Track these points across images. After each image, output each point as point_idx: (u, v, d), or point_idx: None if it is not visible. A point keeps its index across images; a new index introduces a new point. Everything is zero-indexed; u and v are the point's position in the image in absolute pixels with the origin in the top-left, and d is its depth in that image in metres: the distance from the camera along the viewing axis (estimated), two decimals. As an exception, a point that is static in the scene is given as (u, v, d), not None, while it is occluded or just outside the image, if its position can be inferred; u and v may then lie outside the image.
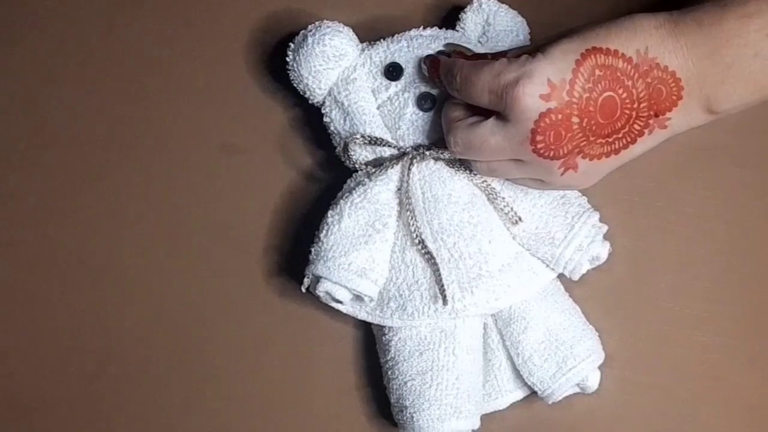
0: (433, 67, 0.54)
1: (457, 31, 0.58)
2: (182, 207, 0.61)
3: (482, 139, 0.50)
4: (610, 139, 0.49)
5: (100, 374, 0.60)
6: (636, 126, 0.49)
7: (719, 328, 0.60)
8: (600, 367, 0.57)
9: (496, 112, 0.49)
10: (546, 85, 0.47)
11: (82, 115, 0.62)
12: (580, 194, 0.57)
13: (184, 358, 0.60)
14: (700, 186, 0.61)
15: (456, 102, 0.53)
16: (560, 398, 0.56)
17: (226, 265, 0.61)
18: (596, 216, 0.56)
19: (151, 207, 0.61)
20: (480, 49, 0.57)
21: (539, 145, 0.48)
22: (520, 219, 0.55)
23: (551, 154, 0.48)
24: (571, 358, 0.55)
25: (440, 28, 0.58)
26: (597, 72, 0.47)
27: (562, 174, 0.49)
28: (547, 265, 0.56)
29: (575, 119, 0.47)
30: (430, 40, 0.56)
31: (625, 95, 0.48)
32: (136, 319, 0.61)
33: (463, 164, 0.55)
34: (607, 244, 0.56)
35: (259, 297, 0.60)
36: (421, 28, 0.58)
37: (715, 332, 0.60)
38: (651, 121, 0.49)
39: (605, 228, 0.56)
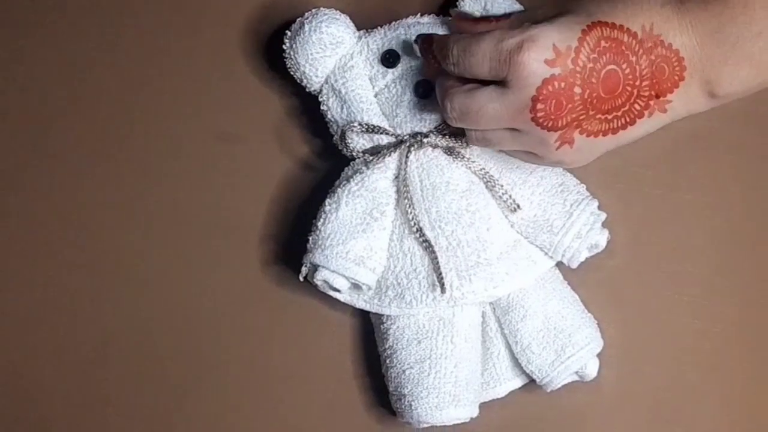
0: (425, 44, 0.53)
1: (455, 18, 0.58)
2: (179, 196, 0.61)
3: (480, 104, 0.49)
4: (609, 116, 0.48)
5: (98, 362, 0.60)
6: (636, 105, 0.48)
7: (718, 315, 0.60)
8: (598, 355, 0.57)
9: (494, 82, 0.49)
10: (551, 50, 0.46)
11: (77, 105, 0.61)
12: (578, 182, 0.56)
13: (182, 347, 0.60)
14: (699, 174, 0.60)
15: (450, 75, 0.52)
16: (559, 386, 0.56)
17: (223, 254, 0.60)
18: (595, 204, 0.55)
19: (148, 196, 0.61)
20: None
21: (539, 113, 0.47)
22: (518, 206, 0.55)
23: (550, 124, 0.47)
24: (570, 346, 0.55)
25: (438, 15, 0.58)
26: (603, 43, 0.47)
27: (557, 148, 0.49)
28: (546, 253, 0.56)
29: (577, 89, 0.47)
30: (427, 27, 0.56)
31: (628, 70, 0.47)
32: (133, 308, 0.60)
33: (460, 152, 0.55)
34: (606, 232, 0.56)
35: (257, 286, 0.60)
36: (419, 15, 0.57)
37: (713, 320, 0.60)
38: (651, 102, 0.48)
39: (604, 216, 0.56)
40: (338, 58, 0.56)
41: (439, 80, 0.52)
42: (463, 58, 0.49)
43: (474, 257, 0.54)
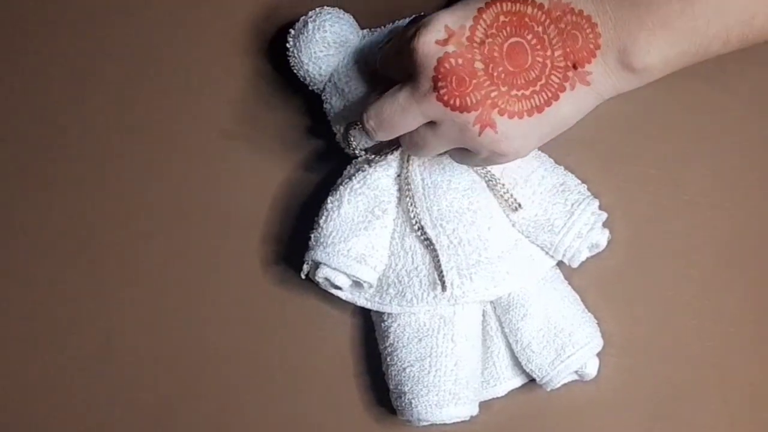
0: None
1: (458, 18, 0.58)
2: (180, 194, 0.61)
3: (391, 102, 0.48)
4: (527, 92, 0.46)
5: (100, 360, 0.60)
6: (554, 78, 0.46)
7: (718, 315, 0.60)
8: (598, 355, 0.57)
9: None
10: (443, 32, 0.46)
11: (79, 101, 0.61)
12: (580, 182, 0.57)
13: (183, 345, 0.60)
14: (700, 174, 0.61)
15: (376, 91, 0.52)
16: (559, 385, 0.56)
17: (225, 252, 0.61)
18: (596, 203, 0.56)
19: (150, 194, 0.61)
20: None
21: (442, 91, 0.46)
22: (519, 206, 0.55)
23: (457, 102, 0.46)
24: (570, 345, 0.55)
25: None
26: (501, 18, 0.46)
27: (480, 133, 0.47)
28: (547, 253, 0.56)
29: (478, 64, 0.46)
30: (430, 27, 0.56)
31: (534, 41, 0.46)
32: (135, 306, 0.60)
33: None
34: (607, 232, 0.56)
35: (258, 285, 0.60)
36: (422, 13, 0.57)
37: (714, 320, 0.60)
38: (569, 74, 0.46)
39: (605, 215, 0.56)
40: (341, 57, 0.56)
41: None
42: (383, 54, 0.50)
43: (475, 256, 0.55)
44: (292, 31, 0.57)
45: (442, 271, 0.54)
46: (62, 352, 0.60)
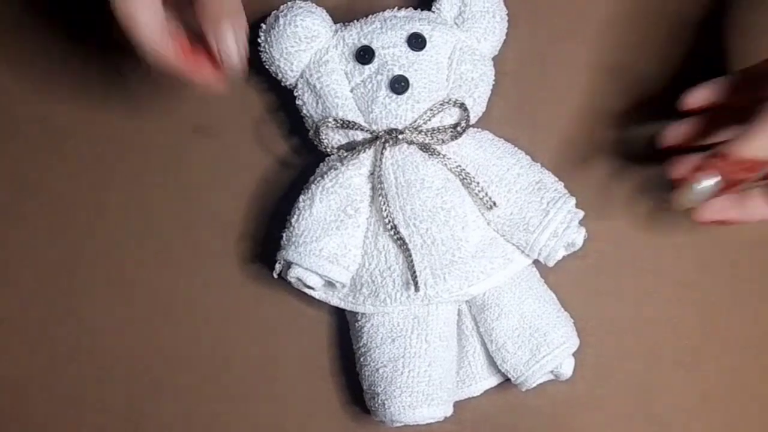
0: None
1: (433, 11, 0.57)
2: (154, 191, 0.60)
3: None
4: None
5: (73, 358, 0.60)
6: None
7: (695, 314, 0.59)
8: (574, 354, 0.56)
9: None
10: None
11: (54, 95, 0.61)
12: (556, 179, 0.56)
13: (157, 344, 0.60)
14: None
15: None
16: (534, 385, 0.56)
17: (200, 250, 0.60)
18: (572, 202, 0.55)
19: (123, 191, 0.60)
20: (455, 31, 0.56)
21: None
22: (494, 204, 0.54)
23: None
24: (545, 345, 0.55)
25: (415, 8, 0.57)
26: None
27: None
28: (522, 252, 0.55)
29: None
30: (404, 21, 0.55)
31: None
32: (109, 304, 0.60)
33: (436, 149, 0.54)
34: (583, 230, 0.55)
35: (234, 283, 0.60)
36: (396, 8, 0.57)
37: (691, 318, 0.59)
38: None
39: (581, 214, 0.55)
40: (313, 53, 0.55)
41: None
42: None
43: (449, 255, 0.54)
44: (264, 26, 0.56)
45: (415, 271, 0.53)
46: (38, 351, 0.60)
